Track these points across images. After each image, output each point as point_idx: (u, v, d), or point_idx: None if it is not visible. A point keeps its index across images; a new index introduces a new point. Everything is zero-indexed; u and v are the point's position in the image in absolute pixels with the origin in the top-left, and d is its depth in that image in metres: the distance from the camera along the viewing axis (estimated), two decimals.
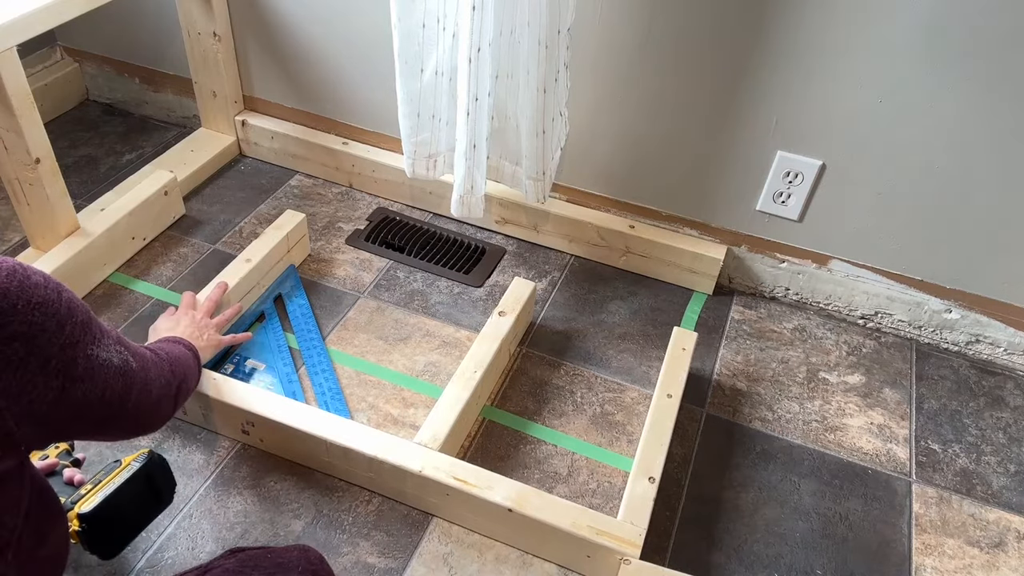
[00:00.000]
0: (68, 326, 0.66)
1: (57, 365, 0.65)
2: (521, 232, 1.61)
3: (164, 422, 0.92)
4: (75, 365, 0.68)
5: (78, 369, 0.68)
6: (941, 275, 1.40)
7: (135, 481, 0.94)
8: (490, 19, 1.17)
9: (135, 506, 0.95)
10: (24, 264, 0.64)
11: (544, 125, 1.32)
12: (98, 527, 0.91)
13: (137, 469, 0.95)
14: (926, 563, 1.14)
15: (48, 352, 0.64)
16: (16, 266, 0.63)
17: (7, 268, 0.62)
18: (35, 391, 0.63)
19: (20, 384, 0.62)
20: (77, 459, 1.01)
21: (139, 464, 0.95)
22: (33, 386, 0.63)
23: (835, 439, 1.30)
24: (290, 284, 1.45)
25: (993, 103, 1.19)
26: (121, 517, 0.93)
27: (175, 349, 1.00)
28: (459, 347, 1.38)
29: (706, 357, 1.41)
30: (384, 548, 1.09)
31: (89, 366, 0.70)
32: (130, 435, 0.89)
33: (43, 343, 0.63)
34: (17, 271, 0.62)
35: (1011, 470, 1.28)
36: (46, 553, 0.74)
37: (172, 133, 1.83)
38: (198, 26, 1.58)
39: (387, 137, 1.65)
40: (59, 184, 1.34)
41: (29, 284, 0.63)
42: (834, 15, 1.20)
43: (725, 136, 1.38)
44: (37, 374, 0.63)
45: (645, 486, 1.08)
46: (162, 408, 0.89)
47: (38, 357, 0.63)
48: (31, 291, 0.62)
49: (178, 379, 0.93)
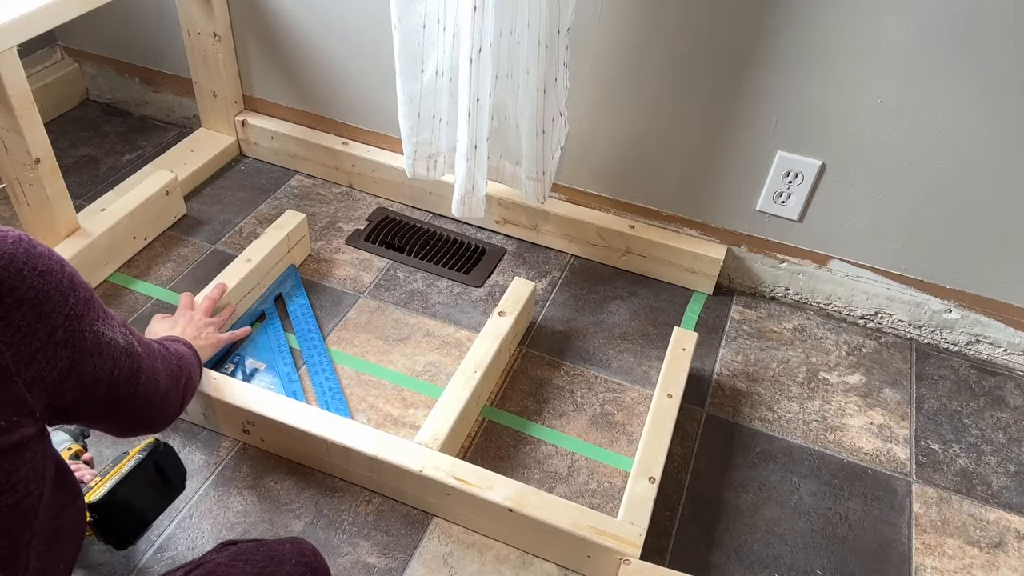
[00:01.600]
0: (72, 298, 0.67)
1: (65, 336, 0.66)
2: (521, 232, 1.61)
3: (171, 419, 0.92)
4: (83, 338, 0.69)
5: (86, 343, 0.69)
6: (941, 275, 1.40)
7: (142, 468, 0.95)
8: (491, 19, 1.18)
9: (144, 493, 0.96)
10: (29, 236, 0.65)
11: (544, 125, 1.32)
12: (108, 515, 0.91)
13: (144, 457, 0.96)
14: (926, 563, 1.14)
15: (55, 321, 0.65)
16: (21, 235, 0.64)
17: (13, 236, 0.63)
18: (45, 360, 0.65)
19: (30, 351, 0.63)
20: (87, 461, 1.02)
21: (145, 452, 0.96)
22: (43, 355, 0.64)
23: (835, 439, 1.30)
24: (291, 284, 1.45)
25: (993, 103, 1.19)
26: (130, 504, 0.94)
27: (177, 346, 0.99)
28: (459, 347, 1.38)
29: (706, 357, 1.41)
30: (384, 548, 1.09)
31: (97, 341, 0.71)
32: (138, 428, 0.89)
33: (49, 311, 0.64)
34: (23, 239, 0.64)
35: (1011, 470, 1.28)
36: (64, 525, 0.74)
37: (172, 133, 1.83)
38: (198, 26, 1.58)
39: (387, 137, 1.65)
40: (59, 184, 1.34)
41: (35, 252, 0.64)
42: (834, 15, 1.20)
43: (725, 136, 1.39)
44: (46, 343, 0.64)
45: (645, 486, 1.08)
46: (169, 402, 0.89)
47: (45, 325, 0.64)
48: (36, 259, 0.64)
49: (184, 374, 0.94)
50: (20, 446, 0.65)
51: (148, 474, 0.95)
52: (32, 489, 0.67)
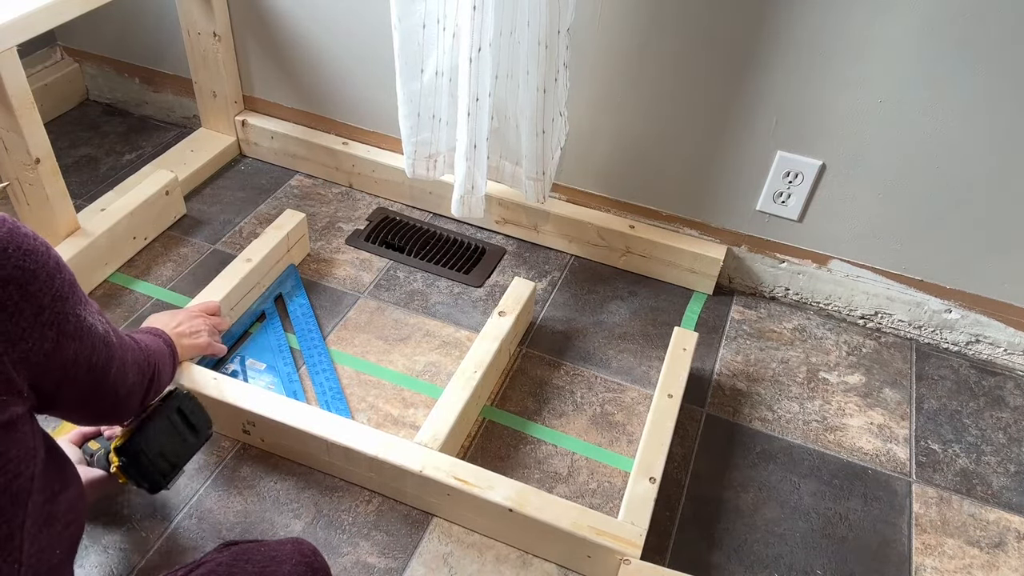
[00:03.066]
0: (58, 279, 0.68)
1: (50, 317, 0.67)
2: (521, 232, 1.61)
3: (133, 412, 0.93)
4: (67, 320, 0.69)
5: (69, 326, 0.70)
6: (941, 275, 1.40)
7: (164, 412, 0.98)
8: (490, 19, 1.18)
9: (169, 437, 0.98)
10: (15, 219, 0.66)
11: (544, 125, 1.32)
12: (135, 459, 0.95)
13: (165, 402, 0.99)
14: (926, 563, 1.14)
15: (41, 301, 0.66)
16: (5, 217, 0.65)
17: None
18: (31, 339, 0.65)
19: (17, 329, 0.64)
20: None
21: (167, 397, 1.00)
22: (29, 334, 0.65)
23: (835, 439, 1.30)
24: (291, 284, 1.45)
25: (993, 103, 1.19)
26: (155, 447, 0.96)
27: (152, 341, 0.99)
28: (459, 347, 1.38)
29: (706, 357, 1.41)
30: (384, 548, 1.09)
31: (80, 325, 0.71)
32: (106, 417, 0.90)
33: (35, 291, 0.65)
34: (7, 220, 0.64)
35: (1011, 470, 1.28)
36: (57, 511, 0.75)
37: (172, 133, 1.83)
38: (198, 26, 1.58)
39: (387, 137, 1.65)
40: (59, 184, 1.34)
41: (19, 233, 0.65)
42: (834, 15, 1.20)
43: (725, 136, 1.39)
44: (32, 322, 0.65)
45: (646, 486, 1.08)
46: (134, 396, 0.89)
47: (32, 304, 0.65)
48: (21, 239, 0.65)
49: (151, 370, 0.93)
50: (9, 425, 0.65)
51: (171, 418, 0.98)
52: (23, 470, 0.67)
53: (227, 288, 1.31)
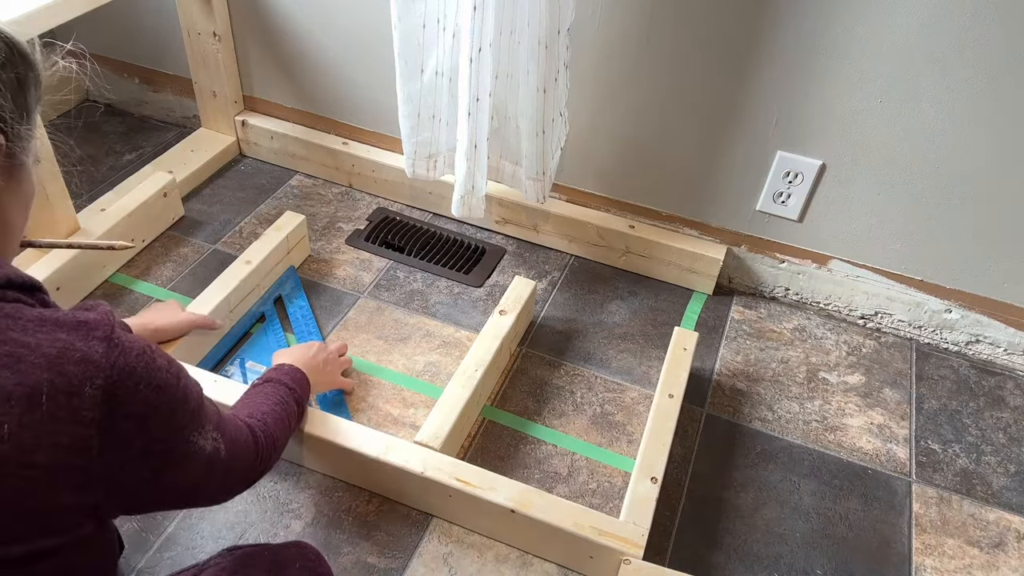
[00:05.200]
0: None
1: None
2: (521, 232, 1.61)
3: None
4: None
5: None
6: (941, 275, 1.40)
7: None
8: (491, 19, 1.18)
9: None
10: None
11: (544, 125, 1.32)
12: None
13: None
14: (926, 563, 1.14)
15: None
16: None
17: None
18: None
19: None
20: None
21: None
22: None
23: (835, 439, 1.30)
24: (290, 286, 1.45)
25: (993, 103, 1.19)
26: None
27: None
28: (459, 347, 1.38)
29: (706, 357, 1.41)
30: (384, 548, 1.09)
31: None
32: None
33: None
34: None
35: (1011, 470, 1.28)
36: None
37: (172, 133, 1.83)
38: (198, 26, 1.58)
39: (387, 137, 1.65)
40: (59, 184, 1.34)
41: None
42: (834, 15, 1.20)
43: (725, 136, 1.39)
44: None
45: (647, 486, 1.08)
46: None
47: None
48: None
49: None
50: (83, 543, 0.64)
51: None
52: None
53: (226, 291, 1.31)
